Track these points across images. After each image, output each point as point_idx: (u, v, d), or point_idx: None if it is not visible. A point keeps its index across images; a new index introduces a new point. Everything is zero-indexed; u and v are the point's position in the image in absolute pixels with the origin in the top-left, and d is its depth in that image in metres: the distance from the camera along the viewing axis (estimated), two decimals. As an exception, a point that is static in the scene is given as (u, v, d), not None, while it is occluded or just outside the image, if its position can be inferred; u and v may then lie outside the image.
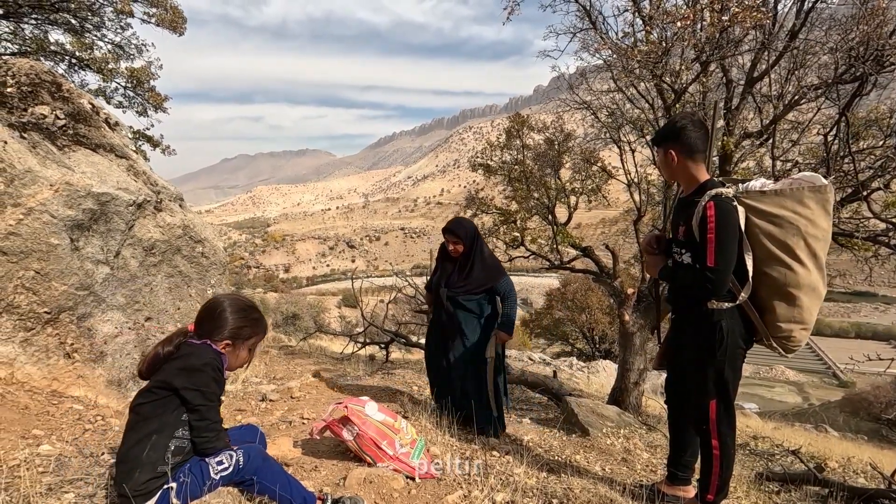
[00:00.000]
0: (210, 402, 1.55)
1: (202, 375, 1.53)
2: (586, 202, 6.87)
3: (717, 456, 2.18)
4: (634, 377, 4.90)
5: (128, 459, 1.43)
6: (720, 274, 1.97)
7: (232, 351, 1.65)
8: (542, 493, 2.30)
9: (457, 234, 3.23)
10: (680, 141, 2.08)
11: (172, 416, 1.51)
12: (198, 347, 1.59)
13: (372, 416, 2.18)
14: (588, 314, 16.39)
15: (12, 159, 2.33)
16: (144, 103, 6.35)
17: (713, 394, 2.13)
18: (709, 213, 1.97)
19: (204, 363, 1.55)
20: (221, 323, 1.63)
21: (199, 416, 1.52)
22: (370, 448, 2.09)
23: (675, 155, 2.08)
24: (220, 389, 1.59)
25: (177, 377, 1.51)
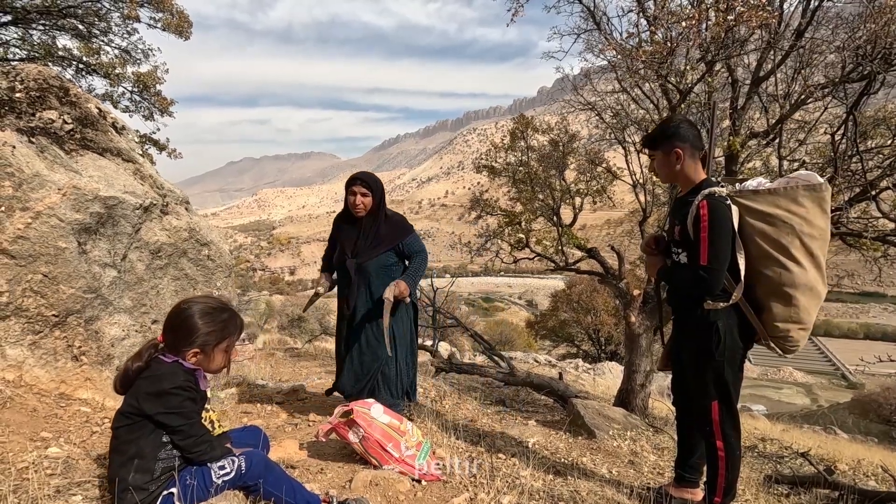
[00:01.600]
0: (190, 420, 1.51)
1: (174, 398, 1.48)
2: (591, 203, 6.86)
3: (721, 457, 2.16)
4: (641, 379, 4.88)
5: (117, 481, 1.42)
6: (713, 273, 1.96)
7: (204, 358, 1.58)
8: (549, 495, 2.29)
9: (367, 182, 2.88)
10: (685, 139, 2.08)
11: (150, 440, 1.47)
12: (167, 367, 1.51)
13: (377, 419, 2.18)
14: (594, 315, 16.34)
15: (20, 164, 2.35)
16: (151, 107, 6.40)
17: (714, 395, 2.12)
18: (702, 211, 1.97)
19: (174, 386, 1.48)
20: (188, 331, 1.54)
21: (184, 435, 1.49)
22: (376, 450, 2.09)
23: (682, 153, 2.07)
24: (198, 405, 1.56)
25: (147, 402, 1.45)
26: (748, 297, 2.05)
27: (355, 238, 2.93)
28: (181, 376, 1.51)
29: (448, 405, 4.47)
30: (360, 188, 2.87)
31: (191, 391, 1.52)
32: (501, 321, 33.75)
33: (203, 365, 1.59)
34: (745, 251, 1.99)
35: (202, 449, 1.50)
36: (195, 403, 1.54)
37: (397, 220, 3.02)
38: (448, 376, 6.96)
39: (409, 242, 2.97)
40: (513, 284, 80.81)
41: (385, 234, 2.93)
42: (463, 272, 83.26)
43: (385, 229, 2.94)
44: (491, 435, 3.53)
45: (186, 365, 1.55)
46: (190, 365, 1.56)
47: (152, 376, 1.49)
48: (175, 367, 1.53)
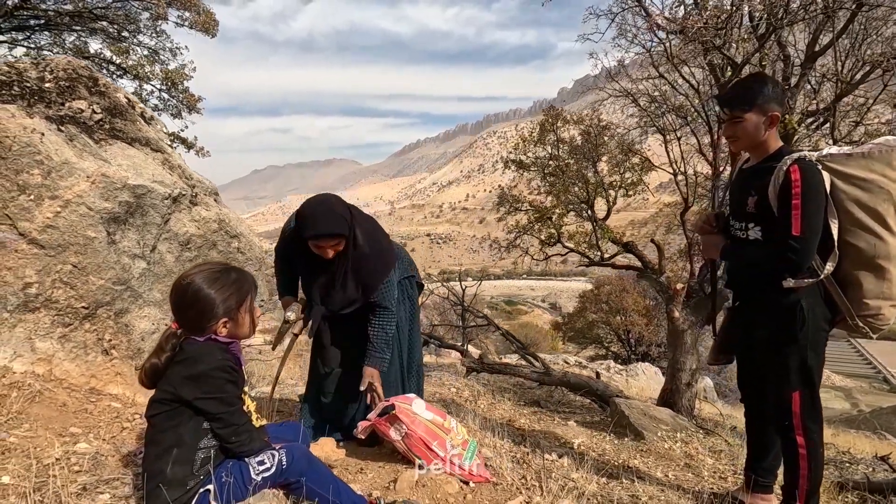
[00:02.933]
0: (231, 407, 1.38)
1: (214, 381, 1.35)
2: (625, 196, 6.60)
3: (803, 455, 1.92)
4: (686, 378, 4.60)
5: (153, 475, 1.30)
6: (807, 244, 1.74)
7: (234, 325, 1.44)
8: (607, 499, 2.09)
9: (337, 232, 2.01)
10: (781, 102, 1.86)
11: (190, 427, 1.34)
12: (202, 347, 1.38)
13: (420, 415, 2.02)
14: (623, 316, 15.90)
15: (49, 151, 2.29)
16: (179, 105, 6.43)
17: (796, 383, 1.89)
18: (793, 176, 1.75)
19: (214, 367, 1.35)
20: (206, 304, 1.38)
21: (224, 423, 1.36)
22: (419, 448, 1.93)
23: (778, 117, 1.85)
24: (238, 389, 1.42)
25: (184, 387, 1.33)
26: (832, 272, 1.83)
27: (325, 278, 2.19)
28: (218, 354, 1.37)
29: (483, 405, 4.29)
30: (328, 242, 2.02)
31: (230, 372, 1.38)
32: (526, 324, 33.33)
33: (234, 333, 1.45)
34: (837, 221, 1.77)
35: (242, 439, 1.37)
36: (236, 387, 1.40)
37: (374, 254, 2.19)
38: (479, 377, 6.77)
39: (380, 292, 2.19)
40: (536, 287, 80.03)
41: (359, 282, 2.18)
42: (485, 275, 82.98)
43: (359, 274, 2.16)
44: (533, 435, 3.34)
45: (221, 340, 1.41)
46: (224, 339, 1.42)
47: (187, 359, 1.35)
48: (209, 345, 1.39)
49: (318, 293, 2.22)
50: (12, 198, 2.20)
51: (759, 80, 1.90)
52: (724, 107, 1.89)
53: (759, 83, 1.86)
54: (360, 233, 2.14)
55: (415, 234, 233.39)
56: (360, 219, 2.19)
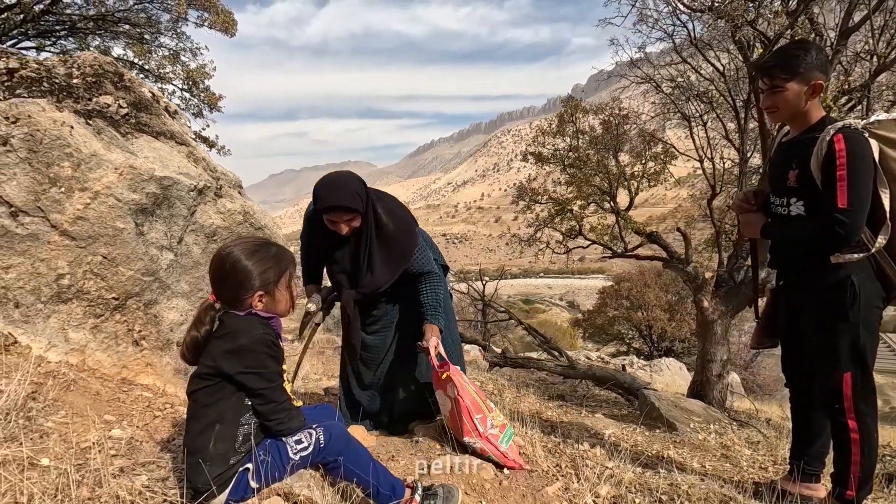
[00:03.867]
0: (272, 383, 1.35)
1: (255, 356, 1.32)
2: (648, 187, 6.47)
3: (855, 440, 1.82)
4: (717, 369, 4.48)
5: (195, 451, 1.28)
6: (855, 216, 1.64)
7: (270, 300, 1.40)
8: (646, 488, 2.03)
9: (349, 206, 1.96)
10: (825, 71, 1.77)
11: (232, 402, 1.32)
12: (243, 321, 1.36)
13: (468, 386, 1.98)
14: (645, 311, 15.63)
15: (78, 144, 2.31)
16: (200, 104, 6.52)
17: (848, 364, 1.79)
18: (837, 146, 1.66)
19: (255, 341, 1.32)
20: (243, 275, 1.35)
21: (264, 399, 1.33)
22: (464, 417, 1.88)
23: (822, 87, 1.77)
24: (278, 365, 1.39)
25: (226, 361, 1.31)
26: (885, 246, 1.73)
27: (349, 261, 2.15)
28: (259, 328, 1.35)
29: (509, 398, 4.23)
30: (341, 217, 1.99)
31: (272, 347, 1.35)
32: (544, 322, 33.03)
33: (271, 308, 1.42)
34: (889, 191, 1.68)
35: (282, 417, 1.34)
36: (276, 362, 1.36)
37: (399, 228, 2.14)
38: (501, 372, 6.71)
39: (416, 261, 2.16)
40: (553, 285, 79.39)
41: (389, 258, 2.12)
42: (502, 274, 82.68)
43: (386, 251, 2.11)
44: (562, 426, 3.27)
45: (262, 314, 1.39)
46: (264, 314, 1.39)
47: (228, 333, 1.33)
48: (251, 319, 1.36)
49: (345, 278, 2.17)
50: (44, 190, 2.23)
51: (802, 46, 1.81)
52: (764, 75, 1.80)
53: (803, 49, 1.77)
54: (382, 208, 2.10)
55: (430, 234, 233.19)
56: (380, 195, 2.16)
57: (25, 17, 4.63)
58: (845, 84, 3.70)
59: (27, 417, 1.64)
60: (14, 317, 2.20)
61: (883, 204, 1.69)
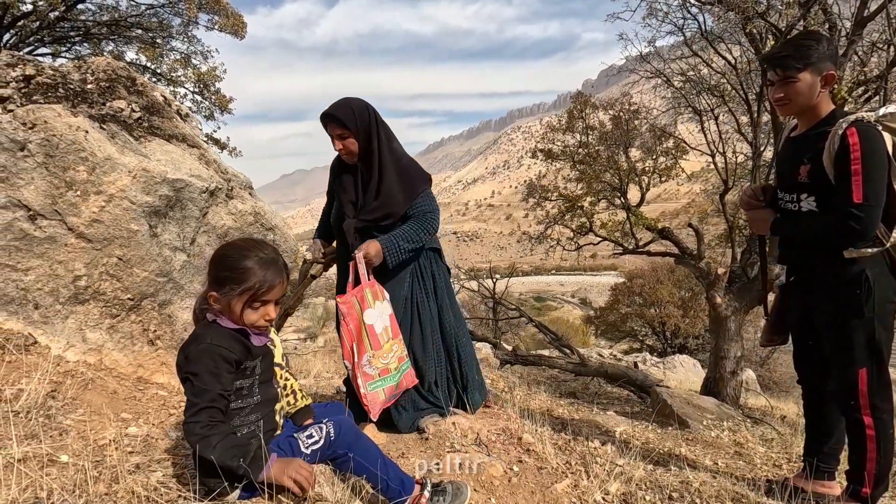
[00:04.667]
0: (195, 399, 1.22)
1: (194, 363, 1.25)
2: (659, 182, 6.41)
3: (871, 437, 1.80)
4: (731, 366, 4.43)
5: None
6: (870, 210, 1.62)
7: (224, 302, 1.30)
8: (656, 485, 2.02)
9: (340, 118, 2.02)
10: (836, 62, 1.75)
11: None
12: (202, 328, 1.33)
13: (366, 320, 1.96)
14: (658, 308, 15.49)
15: (93, 148, 2.35)
16: (211, 107, 6.61)
17: (863, 360, 1.77)
18: (851, 140, 1.63)
19: (199, 349, 1.26)
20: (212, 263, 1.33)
21: (186, 408, 1.23)
22: (345, 341, 1.96)
23: (834, 77, 1.75)
24: (218, 384, 1.25)
25: (180, 364, 1.30)
26: None
27: (354, 190, 2.15)
28: (209, 338, 1.29)
29: (519, 395, 4.23)
30: (333, 129, 2.07)
31: (216, 361, 1.25)
32: (555, 319, 32.88)
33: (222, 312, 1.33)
34: None
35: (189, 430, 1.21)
36: (215, 380, 1.24)
37: (411, 163, 2.20)
38: (512, 370, 6.71)
39: (418, 203, 2.13)
40: (565, 283, 78.97)
41: (397, 187, 2.10)
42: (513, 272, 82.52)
43: (396, 178, 2.11)
44: (573, 423, 3.27)
45: (223, 324, 1.32)
46: (231, 325, 1.32)
47: (190, 336, 1.33)
48: (209, 327, 1.32)
49: (351, 208, 2.16)
50: (60, 194, 2.28)
51: (813, 36, 1.78)
52: (775, 66, 1.78)
53: (815, 39, 1.74)
54: (394, 143, 2.17)
55: (441, 232, 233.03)
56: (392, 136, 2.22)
57: (41, 24, 4.74)
58: (861, 75, 3.63)
59: (47, 415, 1.69)
60: (34, 318, 2.25)
61: None
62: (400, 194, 2.13)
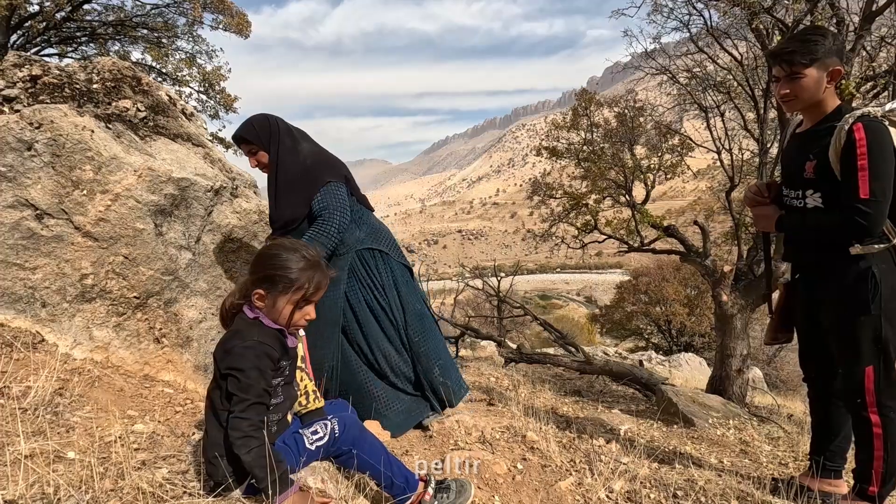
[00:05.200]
0: (243, 394, 1.24)
1: (241, 359, 1.27)
2: (665, 179, 6.38)
3: (878, 435, 1.79)
4: (737, 364, 4.41)
5: (212, 446, 1.29)
6: (877, 206, 1.61)
7: (270, 302, 1.34)
8: (661, 483, 2.01)
9: (242, 136, 2.23)
10: (842, 57, 1.73)
11: None
12: (245, 324, 1.34)
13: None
14: (663, 306, 15.42)
15: (99, 147, 2.37)
16: (216, 106, 6.64)
17: (869, 357, 1.75)
18: (857, 135, 1.62)
19: (246, 345, 1.28)
20: (256, 264, 1.38)
21: (232, 405, 1.25)
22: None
23: (840, 72, 1.73)
24: (264, 381, 1.28)
25: (220, 359, 1.31)
26: None
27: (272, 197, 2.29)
28: (255, 335, 1.31)
29: (524, 393, 4.23)
30: (244, 148, 2.26)
31: (261, 358, 1.28)
32: (561, 318, 32.83)
33: (267, 311, 1.37)
34: None
35: (234, 436, 1.21)
36: (261, 376, 1.28)
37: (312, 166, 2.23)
38: (517, 368, 6.70)
39: (317, 199, 2.17)
40: (570, 280, 78.79)
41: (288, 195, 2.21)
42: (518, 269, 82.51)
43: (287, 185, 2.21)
44: (578, 421, 3.27)
45: (267, 323, 1.36)
46: (273, 324, 1.36)
47: (231, 331, 1.35)
48: (252, 324, 1.35)
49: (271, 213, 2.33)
50: (67, 193, 2.30)
51: (819, 32, 1.76)
52: (782, 62, 1.76)
53: (821, 35, 1.73)
54: (291, 142, 2.28)
55: (446, 230, 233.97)
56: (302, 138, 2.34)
57: (48, 24, 4.77)
58: (869, 70, 3.59)
59: (54, 412, 1.71)
60: (41, 316, 2.27)
61: None
62: (295, 194, 2.20)
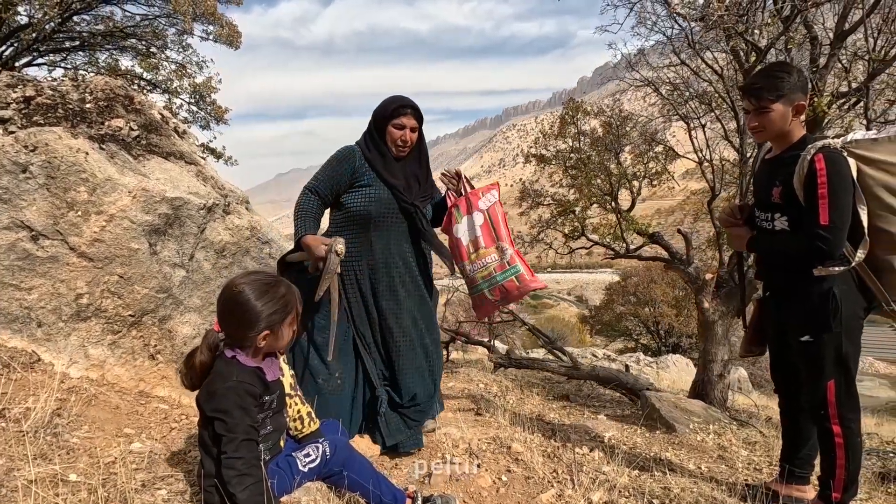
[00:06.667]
0: (232, 434, 1.28)
1: (223, 400, 1.31)
2: (648, 186, 6.51)
3: (840, 444, 1.91)
4: (718, 369, 4.54)
5: (209, 475, 1.34)
6: (836, 232, 1.74)
7: (273, 338, 1.43)
8: (639, 492, 2.11)
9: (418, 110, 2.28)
10: (805, 91, 1.85)
11: None
12: (225, 364, 1.38)
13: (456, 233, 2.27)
14: (652, 307, 15.64)
15: (94, 169, 2.42)
16: (207, 117, 6.66)
17: (832, 372, 1.88)
18: (818, 165, 1.75)
19: (227, 387, 1.32)
20: (250, 317, 1.37)
21: (221, 447, 1.29)
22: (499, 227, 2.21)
23: (804, 107, 1.85)
24: (249, 418, 1.33)
25: (204, 402, 1.35)
26: (865, 259, 1.81)
27: (404, 178, 2.26)
28: (235, 375, 1.36)
29: (512, 400, 4.33)
30: (410, 121, 2.22)
31: (242, 397, 1.33)
32: (552, 318, 33.02)
33: (272, 346, 1.45)
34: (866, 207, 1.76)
35: (229, 475, 1.25)
36: (247, 415, 1.32)
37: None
38: (507, 372, 6.80)
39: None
40: (561, 280, 79.16)
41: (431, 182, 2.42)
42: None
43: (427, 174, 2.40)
44: (563, 429, 3.36)
45: (243, 361, 1.39)
46: (251, 362, 1.40)
47: (213, 375, 1.38)
48: (230, 364, 1.38)
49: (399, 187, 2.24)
50: (62, 214, 2.35)
51: (784, 69, 1.88)
52: (750, 96, 1.88)
53: (786, 72, 1.85)
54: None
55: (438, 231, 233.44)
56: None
57: (38, 36, 4.78)
58: (843, 85, 3.73)
59: (54, 434, 1.76)
60: (37, 335, 2.32)
61: (861, 220, 1.76)
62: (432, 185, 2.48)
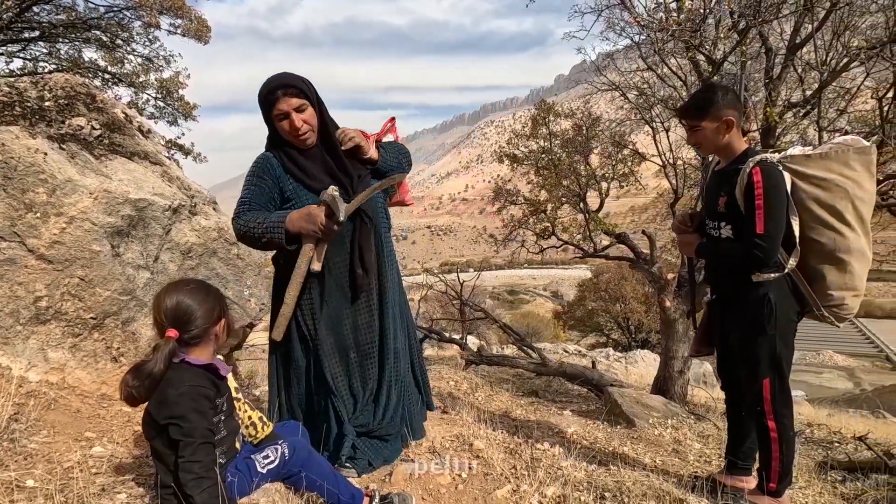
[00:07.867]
0: (189, 438, 1.28)
1: (176, 406, 1.30)
2: (617, 188, 6.69)
3: (774, 439, 2.06)
4: (679, 365, 4.73)
5: (164, 486, 1.34)
6: (771, 241, 1.87)
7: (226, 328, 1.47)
8: (593, 486, 2.22)
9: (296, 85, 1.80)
10: (735, 107, 1.97)
11: None
12: (173, 371, 1.35)
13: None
14: (623, 304, 16.04)
15: (53, 170, 2.39)
16: (175, 112, 6.52)
17: (767, 372, 2.03)
18: (755, 178, 1.88)
19: (179, 393, 1.31)
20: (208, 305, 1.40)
21: (179, 451, 1.28)
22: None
23: (734, 122, 1.97)
24: (205, 420, 1.33)
25: (156, 411, 1.32)
26: (798, 266, 1.96)
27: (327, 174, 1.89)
28: (187, 379, 1.35)
29: (481, 397, 4.42)
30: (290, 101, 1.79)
31: (197, 400, 1.33)
32: (528, 313, 33.48)
33: (223, 338, 1.48)
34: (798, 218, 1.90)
35: (187, 479, 1.25)
36: (202, 417, 1.32)
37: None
38: (478, 369, 6.91)
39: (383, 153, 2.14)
40: (537, 276, 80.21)
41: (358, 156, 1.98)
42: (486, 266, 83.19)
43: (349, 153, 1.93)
44: (527, 425, 3.46)
45: (193, 361, 1.39)
46: (201, 360, 1.40)
47: (164, 381, 1.35)
48: (181, 368, 1.37)
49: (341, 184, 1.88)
50: (20, 216, 2.31)
51: (709, 89, 2.05)
52: (681, 119, 2.02)
53: (710, 92, 2.01)
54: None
55: (415, 226, 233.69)
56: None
57: (-5, 27, 4.61)
58: (793, 95, 3.92)
59: (11, 439, 1.75)
60: (-6, 339, 2.28)
61: (794, 230, 1.90)
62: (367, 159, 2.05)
